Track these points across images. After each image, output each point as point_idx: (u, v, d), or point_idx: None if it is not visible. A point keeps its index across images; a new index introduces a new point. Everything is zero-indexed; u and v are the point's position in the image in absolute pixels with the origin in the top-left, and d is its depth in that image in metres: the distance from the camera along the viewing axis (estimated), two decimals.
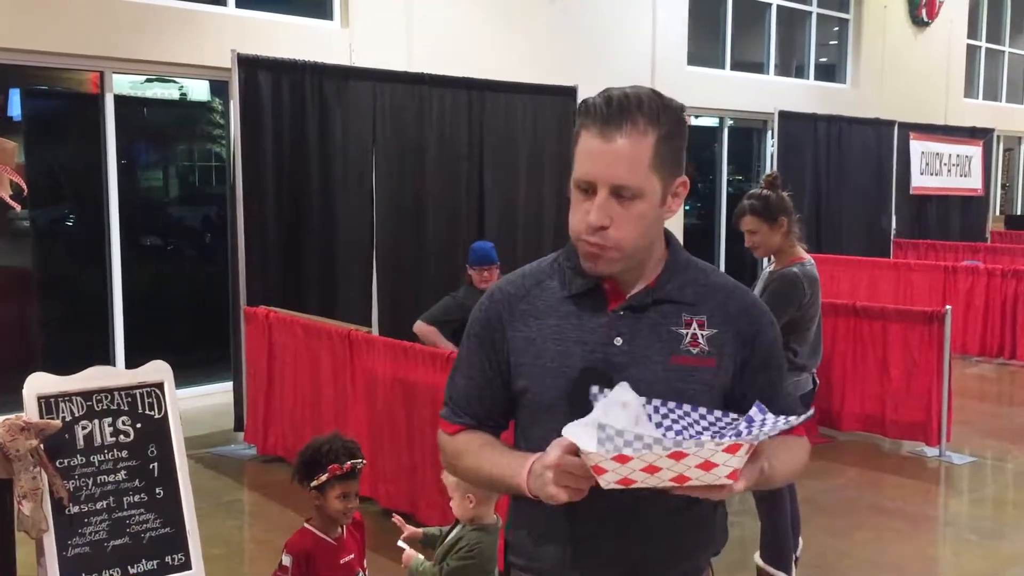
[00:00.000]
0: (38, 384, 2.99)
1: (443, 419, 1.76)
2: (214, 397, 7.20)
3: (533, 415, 1.64)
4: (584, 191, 1.58)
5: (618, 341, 1.60)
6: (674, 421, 1.54)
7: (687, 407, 1.56)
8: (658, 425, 1.53)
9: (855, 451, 6.30)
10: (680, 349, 1.60)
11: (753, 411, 1.50)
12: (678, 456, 1.35)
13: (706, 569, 1.75)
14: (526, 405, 1.66)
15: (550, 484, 1.48)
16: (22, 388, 3.01)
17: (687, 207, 11.18)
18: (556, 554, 1.65)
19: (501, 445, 1.70)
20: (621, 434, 1.38)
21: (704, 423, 1.55)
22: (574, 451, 1.45)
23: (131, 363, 6.73)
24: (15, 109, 7.11)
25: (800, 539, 4.19)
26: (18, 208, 2.80)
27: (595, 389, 1.51)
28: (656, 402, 1.54)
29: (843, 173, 11.29)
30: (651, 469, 1.37)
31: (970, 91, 15.91)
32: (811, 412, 1.55)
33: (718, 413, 1.56)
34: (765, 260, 4.26)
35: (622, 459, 1.36)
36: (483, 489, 1.76)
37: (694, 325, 1.61)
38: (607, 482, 1.39)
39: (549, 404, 1.61)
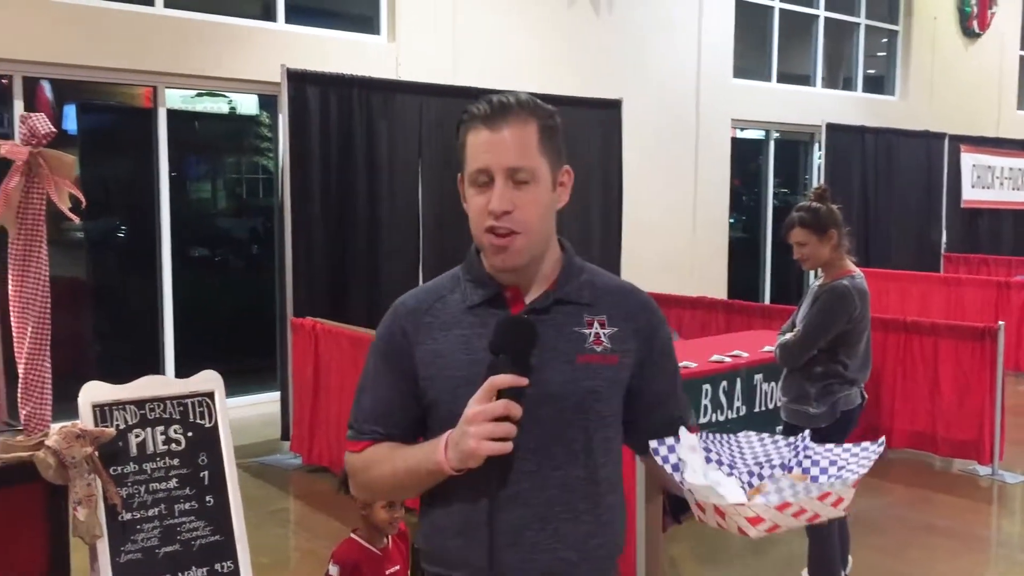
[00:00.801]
0: (93, 393, 3.04)
1: (349, 440, 1.75)
2: (260, 407, 7.28)
3: (445, 427, 1.63)
4: (481, 185, 1.62)
5: (535, 344, 1.64)
6: (718, 453, 1.63)
7: (711, 436, 1.65)
8: (707, 460, 1.61)
9: (905, 469, 6.19)
10: (585, 348, 1.66)
11: (801, 437, 1.62)
12: (824, 496, 1.44)
13: (613, 569, 1.77)
14: (438, 417, 1.66)
15: (471, 439, 1.51)
16: (76, 396, 3.07)
17: (732, 220, 11.11)
18: (472, 561, 1.64)
19: (413, 446, 1.70)
20: (794, 485, 1.46)
21: (746, 449, 1.65)
22: (483, 399, 1.52)
23: (180, 372, 6.86)
24: (71, 123, 7.28)
25: (849, 557, 4.14)
26: (77, 220, 2.87)
27: (654, 443, 1.57)
28: (701, 435, 1.63)
29: (892, 186, 11.15)
30: (800, 512, 1.44)
31: (1023, 103, 15.61)
32: (882, 441, 1.62)
33: (741, 436, 1.66)
34: (812, 274, 4.23)
35: (783, 507, 1.42)
36: (399, 493, 1.75)
37: (596, 324, 1.68)
38: (758, 532, 1.44)
39: (462, 414, 1.60)
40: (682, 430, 1.57)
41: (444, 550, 1.69)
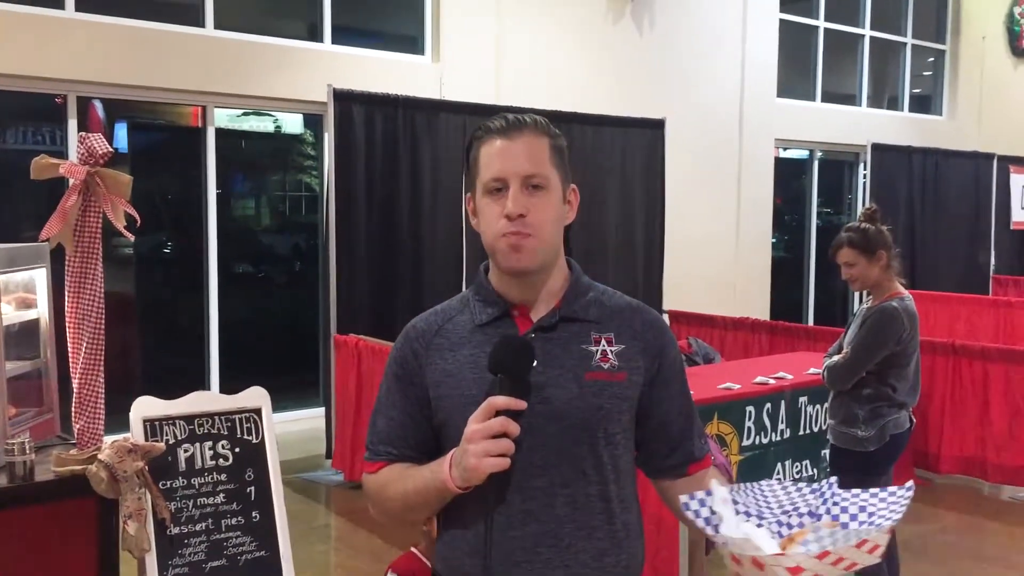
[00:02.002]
0: (144, 408, 3.09)
1: (366, 462, 1.78)
2: (303, 423, 7.34)
3: (456, 446, 1.65)
4: (495, 192, 1.66)
5: (533, 362, 1.65)
6: (745, 504, 1.59)
7: (736, 487, 1.62)
8: (735, 512, 1.58)
9: (954, 495, 6.08)
10: (592, 365, 1.67)
11: (827, 483, 1.59)
12: (861, 544, 1.42)
13: None
14: (449, 437, 1.68)
15: (472, 457, 1.54)
16: (125, 410, 3.11)
17: (774, 240, 11.03)
18: None
19: (422, 466, 1.72)
20: (833, 534, 1.43)
21: (771, 498, 1.61)
22: (482, 418, 1.55)
23: (224, 387, 6.94)
24: (121, 142, 7.42)
25: None
26: (131, 237, 2.92)
27: (684, 498, 1.55)
28: (729, 488, 1.60)
29: (939, 207, 10.99)
30: (839, 560, 1.42)
31: None
32: (910, 485, 1.57)
33: (764, 485, 1.62)
34: (858, 296, 4.19)
35: (823, 555, 1.40)
36: (411, 513, 1.75)
37: (603, 342, 1.69)
38: None
39: None
40: (714, 483, 1.55)
41: (461, 570, 1.70)
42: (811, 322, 11.10)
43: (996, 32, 13.33)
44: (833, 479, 1.60)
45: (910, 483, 1.56)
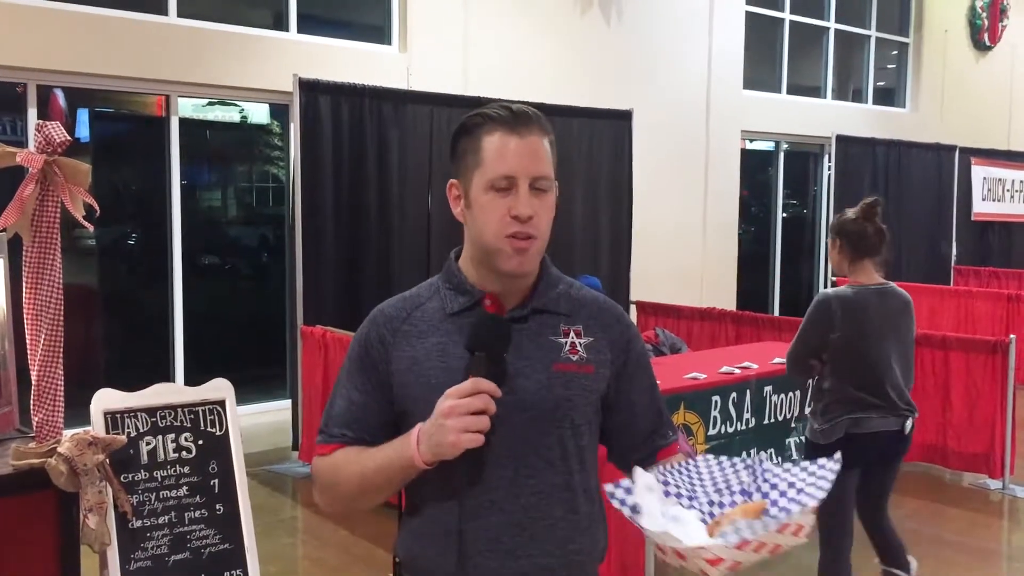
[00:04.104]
0: (105, 400, 3.05)
1: (319, 444, 1.76)
2: (270, 415, 7.30)
3: None
4: (501, 190, 1.64)
5: (510, 341, 1.66)
6: (677, 484, 1.59)
7: (673, 462, 1.64)
8: (666, 494, 1.58)
9: (915, 482, 6.16)
10: (560, 357, 1.68)
11: (759, 458, 1.59)
12: (783, 528, 1.42)
13: (593, 574, 1.77)
14: (412, 424, 1.67)
15: (450, 432, 1.53)
16: (87, 403, 3.07)
17: (741, 230, 11.10)
18: (451, 567, 1.66)
19: (380, 446, 1.71)
20: (751, 524, 1.43)
21: (705, 475, 1.61)
22: (464, 394, 1.54)
23: (189, 379, 6.87)
24: (83, 131, 7.32)
25: (912, 559, 4.03)
26: (90, 228, 2.87)
27: (609, 487, 1.54)
28: (659, 468, 1.62)
29: (902, 198, 11.13)
30: (761, 546, 1.43)
31: None
32: (837, 458, 1.55)
33: (700, 461, 1.63)
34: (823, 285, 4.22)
35: (743, 545, 1.41)
36: (367, 495, 1.71)
37: (572, 334, 1.71)
38: (720, 571, 1.42)
39: None
40: (637, 469, 1.55)
41: (424, 558, 1.70)
42: (777, 312, 11.20)
43: (958, 25, 13.50)
44: (763, 454, 1.61)
45: (837, 455, 1.54)
